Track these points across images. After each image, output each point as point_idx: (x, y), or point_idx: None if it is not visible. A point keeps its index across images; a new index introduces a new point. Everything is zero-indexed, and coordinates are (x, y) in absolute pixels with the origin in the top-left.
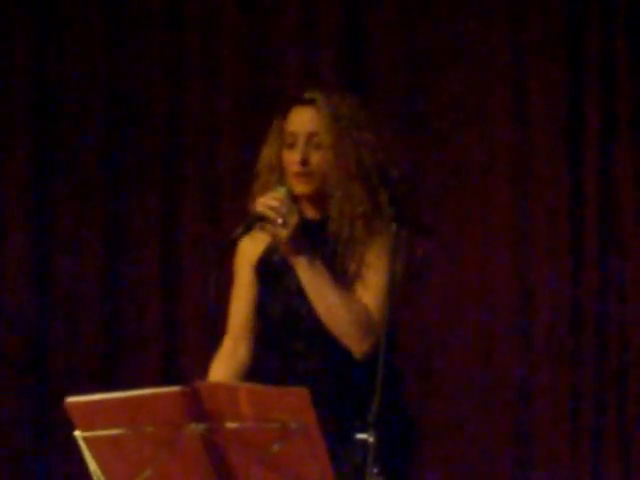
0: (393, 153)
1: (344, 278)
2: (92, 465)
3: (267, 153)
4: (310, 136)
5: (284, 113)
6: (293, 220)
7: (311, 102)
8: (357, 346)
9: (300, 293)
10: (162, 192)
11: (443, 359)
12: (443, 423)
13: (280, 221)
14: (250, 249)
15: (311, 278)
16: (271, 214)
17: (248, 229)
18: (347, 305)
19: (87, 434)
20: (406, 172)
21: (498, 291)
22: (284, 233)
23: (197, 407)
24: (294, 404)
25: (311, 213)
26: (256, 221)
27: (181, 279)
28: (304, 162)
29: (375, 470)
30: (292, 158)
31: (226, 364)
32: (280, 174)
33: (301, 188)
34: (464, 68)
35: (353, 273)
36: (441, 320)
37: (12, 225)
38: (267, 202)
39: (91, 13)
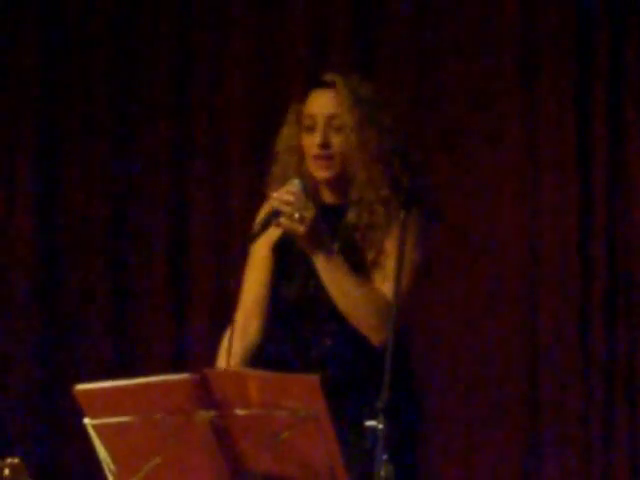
0: (409, 138)
1: (362, 266)
2: (101, 452)
3: (286, 135)
4: (330, 118)
5: (302, 96)
6: (309, 215)
7: (330, 85)
8: (376, 335)
9: (316, 277)
10: (171, 185)
11: (449, 346)
12: (451, 408)
13: (297, 216)
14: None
15: (329, 271)
16: (287, 209)
17: (265, 227)
18: (366, 296)
19: (96, 421)
20: (423, 157)
21: (506, 278)
22: (301, 228)
23: (206, 394)
24: (304, 391)
25: (330, 198)
26: (273, 217)
27: (191, 267)
28: (325, 145)
29: (384, 457)
30: (312, 141)
31: (237, 340)
32: (299, 156)
33: (322, 173)
34: (472, 54)
35: (371, 261)
36: (448, 311)
37: (20, 222)
38: (282, 197)
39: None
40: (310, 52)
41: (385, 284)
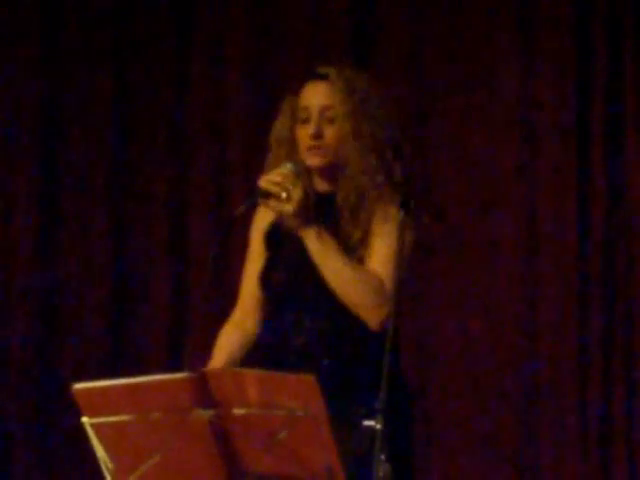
0: (402, 130)
1: (350, 248)
2: (100, 451)
3: (278, 127)
4: (323, 110)
5: (297, 89)
6: (297, 194)
7: (324, 77)
8: (373, 315)
9: (305, 263)
10: (170, 177)
11: (445, 349)
12: (447, 410)
13: (284, 195)
14: (263, 219)
15: (320, 250)
16: (275, 189)
17: (252, 205)
18: (359, 275)
19: (94, 420)
20: (414, 151)
21: (503, 278)
22: (289, 208)
23: (204, 393)
24: (302, 391)
25: (322, 186)
26: (260, 197)
27: (190, 264)
28: (317, 135)
29: (382, 457)
30: (305, 132)
31: (234, 334)
32: (290, 148)
33: (314, 161)
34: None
35: (359, 240)
36: (444, 309)
37: (19, 218)
38: (270, 178)
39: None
40: (310, 55)
41: (374, 264)
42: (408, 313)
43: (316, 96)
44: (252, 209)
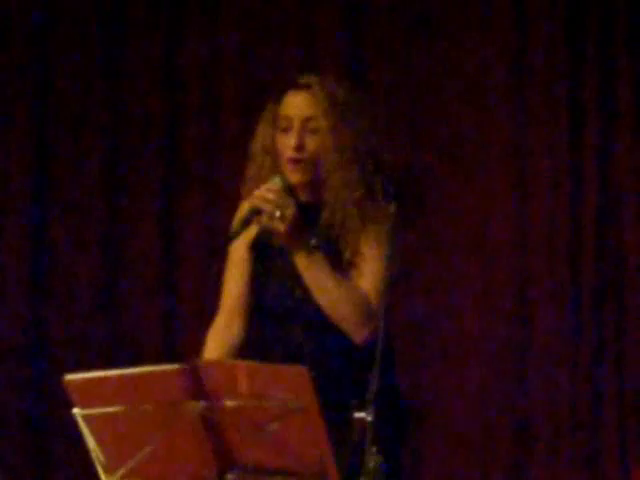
0: (385, 138)
1: (339, 264)
2: (91, 443)
3: (261, 136)
4: (305, 121)
5: (278, 97)
6: (290, 212)
7: (306, 87)
8: (357, 333)
9: (294, 275)
10: (163, 181)
11: (438, 340)
12: (441, 398)
13: (277, 214)
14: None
15: (310, 269)
16: (268, 207)
17: (246, 224)
18: (347, 293)
19: (86, 412)
20: (398, 158)
21: (496, 274)
22: (282, 226)
23: (196, 385)
24: (293, 382)
25: (305, 196)
26: (253, 215)
27: (182, 256)
28: (299, 147)
29: (373, 449)
30: (287, 143)
31: (220, 338)
32: (274, 157)
33: (296, 177)
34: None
35: (347, 260)
36: (435, 305)
37: (10, 218)
38: (263, 195)
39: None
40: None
41: (362, 282)
42: (401, 307)
43: (298, 106)
44: (246, 228)
